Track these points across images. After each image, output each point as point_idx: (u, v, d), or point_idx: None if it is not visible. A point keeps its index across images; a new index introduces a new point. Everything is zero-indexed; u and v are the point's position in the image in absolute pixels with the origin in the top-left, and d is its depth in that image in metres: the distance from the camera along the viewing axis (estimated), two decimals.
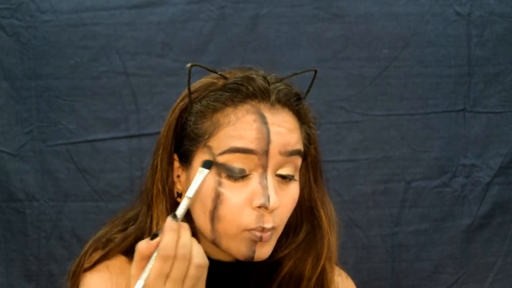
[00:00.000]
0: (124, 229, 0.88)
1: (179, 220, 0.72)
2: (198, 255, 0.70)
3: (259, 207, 0.77)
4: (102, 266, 0.85)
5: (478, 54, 1.34)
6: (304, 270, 0.87)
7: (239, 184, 0.78)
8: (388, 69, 1.33)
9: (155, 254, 0.69)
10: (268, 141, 0.78)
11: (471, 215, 1.35)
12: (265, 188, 0.78)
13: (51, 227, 1.29)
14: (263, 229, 0.78)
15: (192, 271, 0.70)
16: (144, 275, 0.69)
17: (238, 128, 0.79)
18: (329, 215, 0.89)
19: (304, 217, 0.88)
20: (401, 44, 1.33)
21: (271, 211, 0.78)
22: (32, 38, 1.28)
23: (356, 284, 1.00)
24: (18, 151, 1.29)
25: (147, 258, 0.70)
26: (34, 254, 1.29)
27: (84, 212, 1.29)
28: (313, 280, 0.87)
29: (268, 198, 0.77)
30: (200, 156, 0.80)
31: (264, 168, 0.79)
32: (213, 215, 0.79)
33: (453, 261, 1.35)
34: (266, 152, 0.78)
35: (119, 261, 0.85)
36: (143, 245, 0.70)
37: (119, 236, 0.87)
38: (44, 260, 1.29)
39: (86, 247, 0.88)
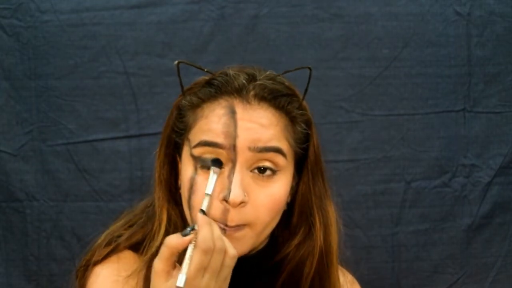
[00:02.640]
0: (134, 224, 0.90)
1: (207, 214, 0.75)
2: (231, 246, 0.73)
3: (225, 201, 0.79)
4: (112, 259, 0.86)
5: (478, 54, 1.34)
6: (302, 272, 0.88)
7: None
8: (388, 69, 1.33)
9: (190, 249, 0.71)
10: (234, 135, 0.79)
11: (471, 215, 1.35)
12: (230, 182, 0.79)
13: (51, 227, 1.29)
14: (226, 225, 0.79)
15: (227, 261, 0.72)
16: (184, 269, 0.70)
17: (209, 121, 0.81)
18: (325, 220, 0.88)
19: (302, 219, 0.88)
20: (401, 44, 1.33)
21: (234, 207, 0.78)
22: (32, 38, 1.28)
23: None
24: (18, 151, 1.29)
25: (178, 254, 0.71)
26: (34, 254, 1.29)
27: (84, 212, 1.29)
28: (309, 280, 0.87)
29: (230, 192, 0.78)
30: (184, 149, 0.84)
31: (233, 162, 0.79)
32: (189, 204, 0.81)
33: (453, 261, 1.35)
34: (233, 147, 0.79)
35: (128, 255, 0.87)
36: (174, 241, 0.71)
37: (128, 231, 0.89)
38: (44, 260, 1.29)
39: (99, 240, 0.89)
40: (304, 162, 0.87)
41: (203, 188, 0.78)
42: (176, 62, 0.83)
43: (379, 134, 1.33)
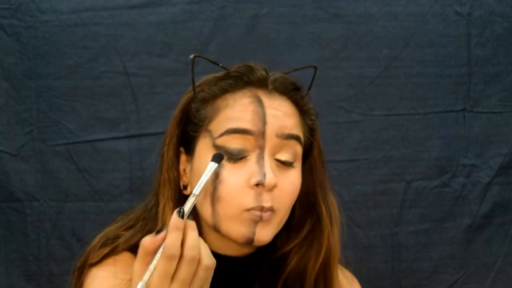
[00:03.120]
0: (132, 226, 0.89)
1: (186, 216, 0.70)
2: (207, 256, 0.69)
3: (257, 185, 0.79)
4: (109, 261, 0.86)
5: (478, 54, 1.34)
6: (307, 266, 0.88)
7: (237, 165, 0.80)
8: (388, 69, 1.33)
9: (158, 254, 0.68)
10: (264, 122, 0.81)
11: (471, 215, 1.35)
12: (261, 167, 0.79)
13: (51, 227, 1.29)
14: (262, 208, 0.79)
15: (201, 272, 0.68)
16: (146, 276, 0.67)
17: (235, 110, 0.82)
18: (330, 210, 0.90)
19: (307, 212, 0.89)
20: (401, 44, 1.33)
21: (268, 189, 0.79)
22: (32, 38, 1.28)
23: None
24: (18, 151, 1.29)
25: (152, 253, 0.69)
26: (34, 254, 1.29)
27: (84, 212, 1.29)
28: (314, 274, 0.87)
29: (264, 175, 0.78)
30: (202, 141, 0.83)
31: (261, 149, 0.81)
32: (213, 196, 0.80)
33: (453, 261, 1.35)
34: (262, 134, 0.81)
35: (125, 257, 0.86)
36: (147, 240, 0.70)
37: (127, 233, 0.88)
38: (44, 260, 1.29)
39: (94, 242, 0.89)
40: (307, 155, 0.89)
41: (232, 177, 0.79)
42: (192, 56, 0.83)
43: (379, 134, 1.33)
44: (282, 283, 0.87)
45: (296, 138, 0.83)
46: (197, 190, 0.73)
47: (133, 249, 0.86)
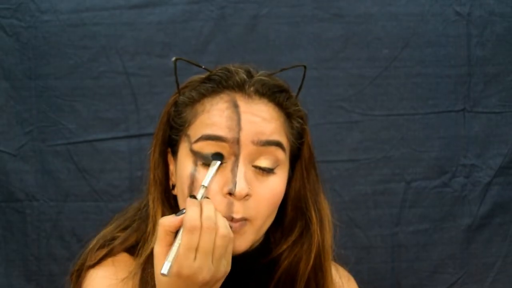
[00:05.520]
0: (128, 227, 0.89)
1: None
2: (223, 226, 0.72)
3: (229, 194, 0.78)
4: (107, 262, 0.86)
5: (478, 54, 1.34)
6: (298, 269, 0.88)
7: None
8: (388, 69, 1.33)
9: (180, 233, 0.70)
10: (238, 128, 0.79)
11: (471, 215, 1.35)
12: (234, 175, 0.79)
13: (51, 227, 1.29)
14: (232, 219, 0.79)
15: (218, 241, 0.71)
16: (171, 256, 0.69)
17: (211, 115, 0.81)
18: (320, 215, 0.88)
19: (298, 216, 0.89)
20: (401, 44, 1.33)
21: (239, 199, 0.79)
22: (32, 38, 1.28)
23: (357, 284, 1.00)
24: (18, 151, 1.29)
25: (171, 233, 0.71)
26: (34, 254, 1.29)
27: (84, 212, 1.29)
28: (305, 277, 0.87)
29: (235, 185, 0.78)
30: (182, 145, 0.83)
31: (236, 156, 0.80)
32: None
33: (453, 261, 1.35)
34: (237, 140, 0.79)
35: (123, 257, 0.86)
36: (167, 220, 0.72)
37: (123, 234, 0.88)
38: (44, 260, 1.29)
39: (91, 245, 0.89)
40: (297, 158, 0.88)
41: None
42: (173, 59, 0.83)
43: (379, 134, 1.33)
44: (274, 285, 0.87)
45: (276, 144, 0.81)
46: (205, 182, 0.77)
47: (130, 250, 0.87)
